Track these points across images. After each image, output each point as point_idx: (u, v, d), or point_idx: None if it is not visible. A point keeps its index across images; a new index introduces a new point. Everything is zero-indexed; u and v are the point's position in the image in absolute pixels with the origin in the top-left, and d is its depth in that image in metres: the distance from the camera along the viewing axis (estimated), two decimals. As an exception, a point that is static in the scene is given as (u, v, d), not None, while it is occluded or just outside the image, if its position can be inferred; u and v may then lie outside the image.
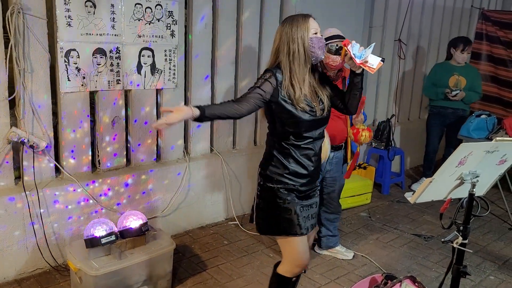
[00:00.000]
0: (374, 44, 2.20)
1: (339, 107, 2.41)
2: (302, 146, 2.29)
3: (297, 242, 2.37)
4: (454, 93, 4.86)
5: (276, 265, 2.55)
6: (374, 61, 2.14)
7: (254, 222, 2.44)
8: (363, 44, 5.20)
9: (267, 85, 2.20)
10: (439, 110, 5.08)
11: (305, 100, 2.24)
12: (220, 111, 2.16)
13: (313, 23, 2.24)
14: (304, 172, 2.33)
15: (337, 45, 2.23)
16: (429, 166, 5.30)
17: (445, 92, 4.89)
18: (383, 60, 2.17)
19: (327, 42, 3.10)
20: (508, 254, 3.90)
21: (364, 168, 5.14)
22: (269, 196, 2.33)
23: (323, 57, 2.27)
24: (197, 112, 2.06)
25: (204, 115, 2.09)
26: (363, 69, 2.20)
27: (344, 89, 3.27)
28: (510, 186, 4.75)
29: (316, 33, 2.23)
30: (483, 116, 4.70)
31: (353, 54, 2.14)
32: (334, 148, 3.33)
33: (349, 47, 2.14)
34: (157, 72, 3.62)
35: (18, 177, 3.21)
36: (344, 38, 3.15)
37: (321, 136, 2.38)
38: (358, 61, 2.13)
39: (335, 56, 3.12)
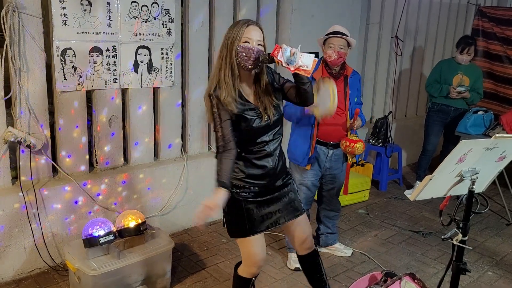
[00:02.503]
0: (300, 45, 2.13)
1: (297, 102, 2.40)
2: (255, 150, 2.31)
3: (252, 241, 2.39)
4: (459, 89, 4.69)
5: (237, 265, 2.59)
6: (307, 61, 2.08)
7: (225, 226, 2.48)
8: (360, 42, 5.23)
9: (223, 112, 2.21)
10: (441, 107, 4.90)
11: (247, 105, 2.24)
12: (229, 171, 2.22)
13: (251, 31, 2.20)
14: (261, 172, 2.33)
15: (268, 54, 2.17)
16: (424, 167, 5.12)
17: (449, 89, 4.74)
18: (316, 56, 2.10)
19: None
20: (505, 250, 3.92)
21: (362, 165, 5.15)
22: (230, 202, 2.32)
23: (250, 67, 2.20)
24: (223, 192, 2.15)
25: (225, 185, 2.18)
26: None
27: (346, 88, 3.27)
28: (507, 182, 4.76)
29: (247, 42, 2.19)
30: (480, 113, 4.70)
31: (286, 61, 2.08)
32: (333, 145, 3.32)
33: (279, 56, 2.09)
34: (154, 71, 3.60)
35: (15, 177, 3.19)
36: (346, 35, 3.17)
37: (275, 138, 2.36)
38: (292, 68, 2.10)
39: (330, 51, 3.15)
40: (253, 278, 2.52)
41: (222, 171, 2.21)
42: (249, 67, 2.20)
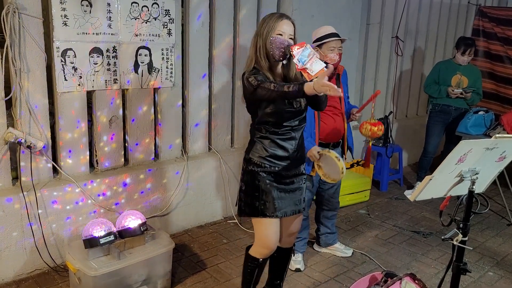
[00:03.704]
0: (319, 51, 2.39)
1: (310, 104, 2.54)
2: (280, 132, 2.44)
3: (268, 224, 2.50)
4: (456, 91, 4.70)
5: (249, 247, 2.68)
6: (316, 67, 2.17)
7: (237, 205, 2.59)
8: (360, 42, 5.23)
9: (259, 75, 2.34)
10: (442, 108, 4.91)
11: None
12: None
13: (284, 25, 2.36)
14: (285, 154, 2.46)
15: (288, 46, 2.34)
16: (425, 167, 5.13)
17: (448, 90, 4.76)
18: (326, 67, 2.20)
19: (325, 41, 3.13)
20: (506, 250, 3.91)
21: (363, 165, 5.14)
22: (250, 179, 2.47)
23: (278, 58, 2.37)
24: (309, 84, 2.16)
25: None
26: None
27: (339, 87, 3.29)
28: (508, 182, 4.76)
29: (281, 35, 2.34)
30: (480, 113, 4.69)
31: (298, 59, 2.18)
32: (333, 145, 3.33)
33: (295, 50, 2.18)
34: (154, 71, 3.61)
35: (16, 178, 3.19)
36: (339, 37, 3.18)
37: (301, 125, 2.51)
38: (299, 66, 2.20)
39: (332, 54, 3.15)
40: (261, 259, 2.60)
41: (289, 84, 2.23)
42: (278, 58, 2.37)
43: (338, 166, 2.81)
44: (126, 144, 3.68)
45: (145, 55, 3.53)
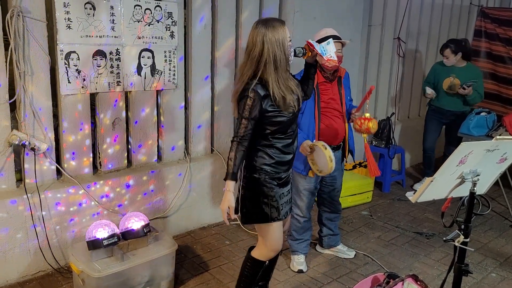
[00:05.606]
0: (331, 39, 2.58)
1: (301, 96, 2.59)
2: (285, 138, 2.48)
3: (276, 228, 2.54)
4: (429, 92, 4.98)
5: (251, 248, 2.70)
6: (332, 52, 2.54)
7: (239, 213, 2.57)
8: (362, 44, 5.24)
9: (255, 109, 2.32)
10: (436, 107, 5.07)
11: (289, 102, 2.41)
12: (240, 163, 2.38)
13: (287, 30, 2.41)
14: (287, 159, 2.51)
15: (303, 48, 2.46)
16: (428, 165, 5.22)
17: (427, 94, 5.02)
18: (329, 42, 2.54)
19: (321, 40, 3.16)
20: (509, 251, 3.91)
21: (365, 166, 5.15)
22: (255, 186, 2.48)
23: (291, 62, 2.45)
24: (232, 184, 2.35)
25: (236, 177, 2.36)
26: (316, 61, 2.59)
27: (340, 89, 3.31)
28: (510, 183, 4.75)
29: (290, 41, 2.40)
30: (482, 114, 4.70)
31: (321, 52, 2.46)
32: (334, 147, 3.33)
33: (316, 46, 2.44)
34: (157, 73, 3.62)
35: (20, 180, 3.21)
36: (340, 38, 3.20)
37: (297, 128, 2.60)
38: (325, 57, 2.50)
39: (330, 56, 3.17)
40: (267, 262, 2.64)
41: (236, 160, 2.34)
42: (291, 62, 2.44)
43: (325, 155, 2.84)
44: (129, 146, 3.70)
45: (148, 58, 3.55)
